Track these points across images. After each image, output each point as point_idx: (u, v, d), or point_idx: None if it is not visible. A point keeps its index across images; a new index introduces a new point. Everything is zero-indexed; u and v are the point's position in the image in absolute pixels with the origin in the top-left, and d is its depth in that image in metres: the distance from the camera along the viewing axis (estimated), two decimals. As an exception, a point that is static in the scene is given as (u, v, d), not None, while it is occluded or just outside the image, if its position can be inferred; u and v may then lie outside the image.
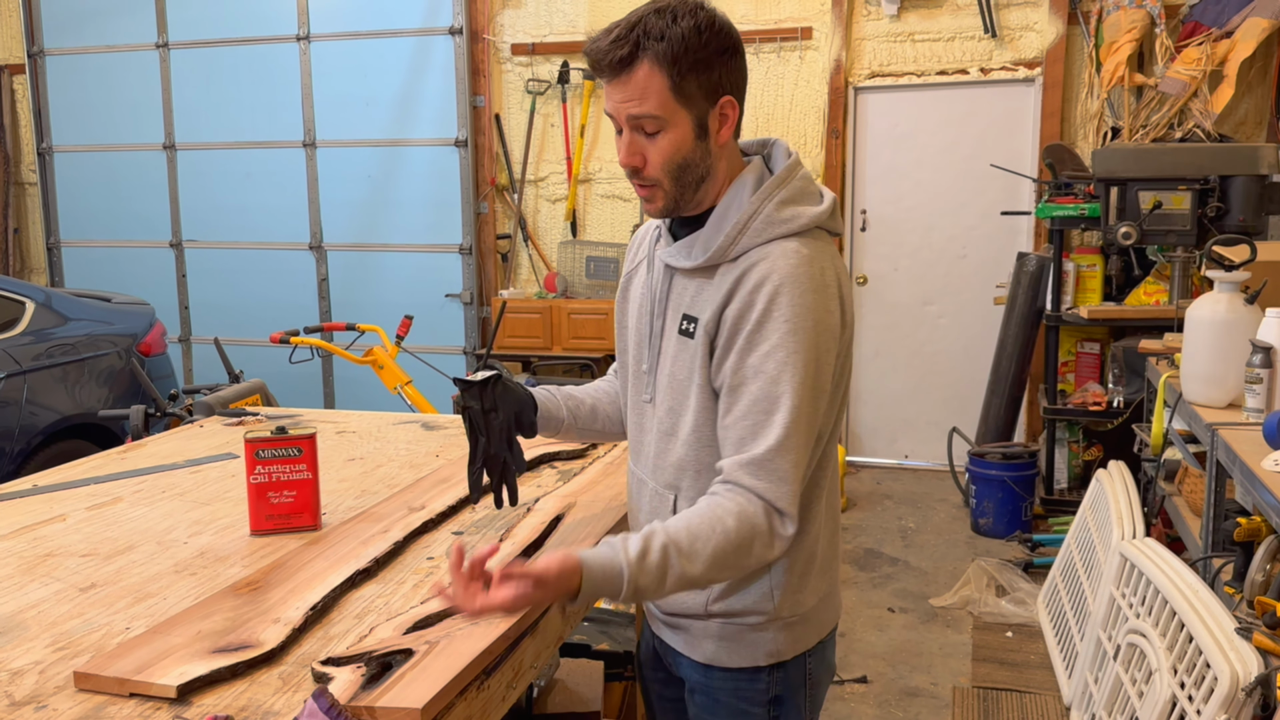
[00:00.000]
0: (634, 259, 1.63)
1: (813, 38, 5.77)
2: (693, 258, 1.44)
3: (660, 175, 1.41)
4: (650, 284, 1.53)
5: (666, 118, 1.37)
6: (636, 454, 1.58)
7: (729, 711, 1.53)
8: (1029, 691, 3.39)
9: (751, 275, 1.38)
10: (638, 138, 1.40)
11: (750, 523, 1.34)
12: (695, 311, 1.44)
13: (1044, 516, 4.95)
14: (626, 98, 1.37)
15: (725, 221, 1.42)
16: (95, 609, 1.45)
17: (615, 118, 1.41)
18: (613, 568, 1.31)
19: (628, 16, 1.37)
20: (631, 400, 1.58)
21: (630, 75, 1.36)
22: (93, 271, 7.08)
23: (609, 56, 1.36)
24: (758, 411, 1.36)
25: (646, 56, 1.35)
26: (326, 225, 6.65)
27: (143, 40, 6.77)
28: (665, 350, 1.49)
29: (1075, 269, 5.03)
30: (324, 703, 1.09)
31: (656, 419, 1.51)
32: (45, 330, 4.30)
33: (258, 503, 1.75)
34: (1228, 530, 2.65)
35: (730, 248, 1.41)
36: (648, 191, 1.44)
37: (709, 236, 1.43)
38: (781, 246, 1.39)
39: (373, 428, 2.56)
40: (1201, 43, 5.00)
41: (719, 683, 1.53)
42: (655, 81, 1.35)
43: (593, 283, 6.09)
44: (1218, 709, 2.13)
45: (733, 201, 1.43)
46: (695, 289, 1.45)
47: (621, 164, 1.43)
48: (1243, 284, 2.91)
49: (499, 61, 6.31)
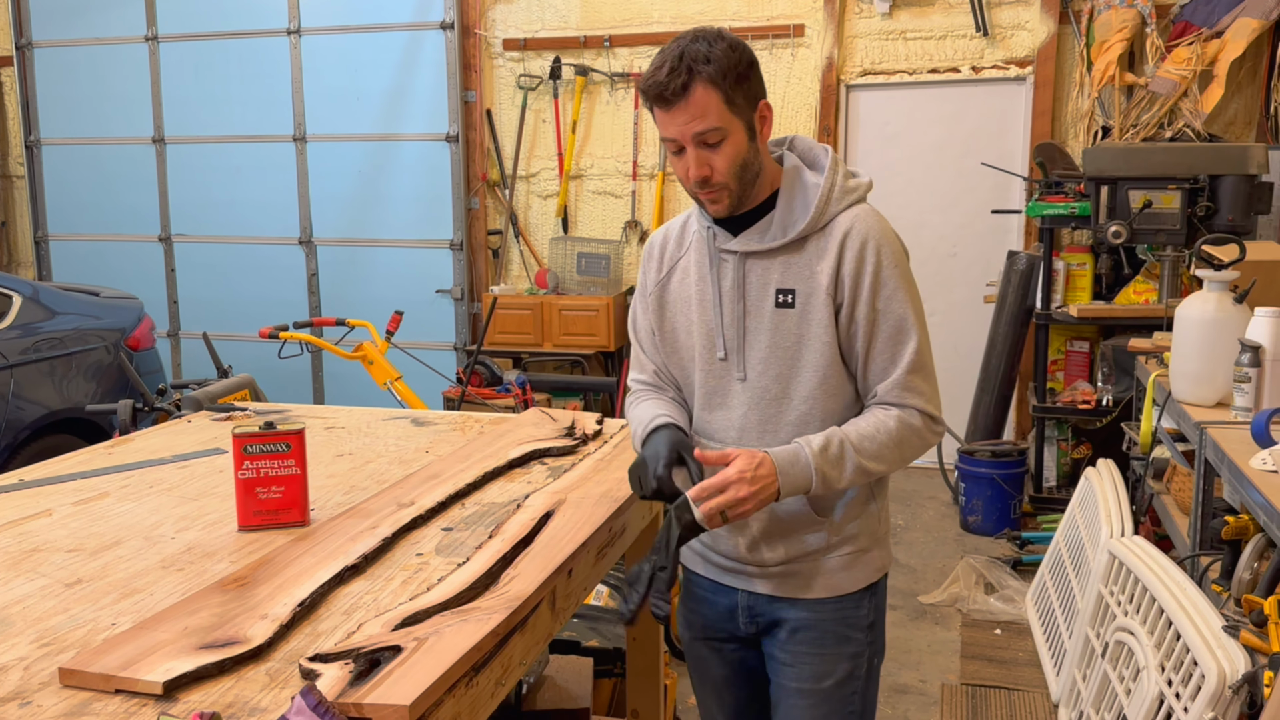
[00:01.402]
0: (665, 265, 1.80)
1: (805, 35, 5.77)
2: (771, 238, 1.67)
3: (727, 179, 1.62)
4: (713, 278, 1.71)
5: (725, 128, 1.59)
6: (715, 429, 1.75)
7: (835, 640, 1.75)
8: (1017, 689, 3.40)
9: (854, 236, 1.65)
10: (702, 152, 1.60)
11: (906, 423, 1.65)
12: (791, 284, 1.67)
13: (1033, 514, 4.97)
14: (689, 118, 1.57)
15: (804, 200, 1.67)
16: (81, 605, 1.44)
17: (677, 140, 1.60)
18: (800, 459, 1.59)
19: (668, 50, 1.59)
20: (711, 388, 1.75)
21: (689, 99, 1.56)
22: (81, 265, 7.04)
23: (669, 87, 1.56)
24: (892, 344, 1.65)
25: (700, 80, 1.55)
26: (316, 220, 6.62)
27: (132, 33, 6.73)
28: (755, 328, 1.69)
29: (1065, 268, 5.04)
30: (311, 699, 1.09)
31: (755, 391, 1.70)
32: (32, 324, 4.28)
33: (245, 498, 1.74)
34: (1215, 528, 2.66)
35: (820, 218, 1.66)
36: (715, 195, 1.64)
37: (786, 216, 1.67)
38: (858, 210, 1.68)
39: (362, 423, 2.55)
40: (1192, 42, 5.01)
41: (829, 614, 1.75)
42: (712, 99, 1.57)
43: (584, 279, 6.08)
44: (1205, 706, 2.14)
45: (796, 184, 1.68)
46: (782, 266, 1.67)
47: (691, 178, 1.62)
48: (1232, 283, 2.92)
49: (490, 56, 6.29)
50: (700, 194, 1.66)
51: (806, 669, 1.76)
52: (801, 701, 1.76)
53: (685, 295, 1.76)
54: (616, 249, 6.12)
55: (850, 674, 1.77)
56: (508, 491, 1.95)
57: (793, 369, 1.69)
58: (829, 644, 1.75)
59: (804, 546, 1.73)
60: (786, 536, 1.73)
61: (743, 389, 1.72)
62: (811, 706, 1.75)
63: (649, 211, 6.16)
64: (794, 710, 1.77)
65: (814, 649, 1.75)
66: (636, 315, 1.87)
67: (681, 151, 1.62)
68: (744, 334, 1.70)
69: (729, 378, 1.73)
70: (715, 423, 1.76)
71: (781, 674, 1.79)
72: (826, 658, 1.75)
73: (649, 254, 1.84)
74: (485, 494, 1.94)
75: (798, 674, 1.76)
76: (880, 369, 1.67)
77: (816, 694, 1.75)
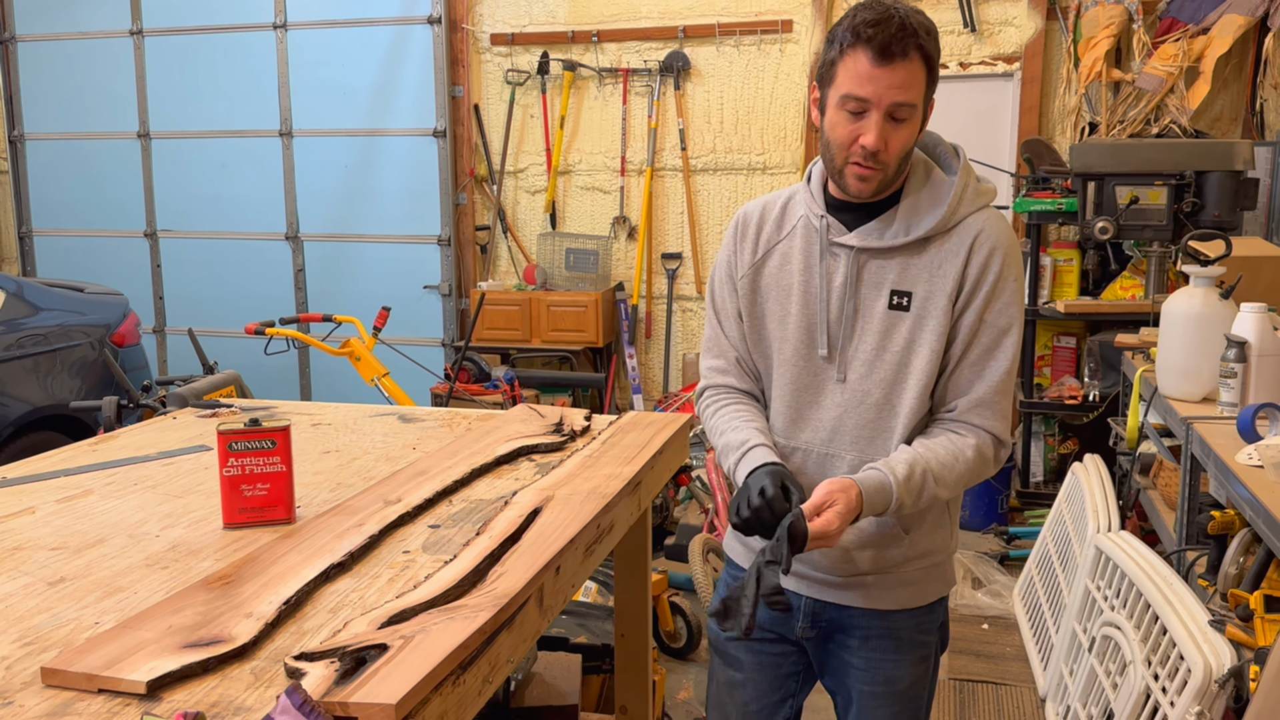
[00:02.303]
0: (761, 246, 1.70)
1: (793, 31, 5.77)
2: (893, 235, 1.59)
3: (894, 159, 1.54)
4: (822, 271, 1.63)
5: (919, 106, 1.52)
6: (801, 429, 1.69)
7: (911, 646, 1.74)
8: (1005, 683, 3.41)
9: (983, 240, 1.57)
10: (888, 124, 1.50)
11: (982, 454, 1.61)
12: (908, 286, 1.59)
13: (1020, 509, 4.98)
14: (896, 84, 1.47)
15: (934, 198, 1.58)
16: (64, 603, 1.43)
17: (871, 101, 1.48)
18: (884, 489, 1.55)
19: (882, 5, 1.47)
20: (801, 384, 1.68)
21: (905, 64, 1.47)
22: (65, 261, 6.99)
23: (898, 43, 1.45)
24: (985, 359, 1.59)
25: (918, 50, 1.47)
26: (303, 215, 6.59)
27: (117, 27, 6.68)
28: (864, 329, 1.62)
29: (1052, 263, 5.06)
30: (297, 698, 1.08)
31: (855, 394, 1.64)
32: (16, 320, 4.25)
33: (230, 495, 1.72)
34: (1202, 523, 2.67)
35: (950, 219, 1.58)
36: (872, 172, 1.54)
37: (911, 215, 1.58)
38: (988, 214, 1.61)
39: (349, 420, 2.54)
40: (1178, 39, 5.03)
41: (903, 621, 1.72)
42: (920, 74, 1.49)
43: (572, 275, 6.07)
44: (1191, 700, 2.15)
45: (925, 184, 1.60)
46: (899, 266, 1.60)
47: (865, 146, 1.51)
48: (1218, 279, 2.93)
49: (478, 51, 6.27)
50: (859, 167, 1.55)
51: (881, 673, 1.75)
52: (878, 703, 1.76)
53: (786, 284, 1.67)
54: (605, 245, 6.11)
55: (923, 674, 1.78)
56: (495, 488, 1.94)
57: (899, 375, 1.63)
58: (905, 650, 1.74)
59: (884, 561, 1.69)
60: (865, 549, 1.69)
61: (840, 390, 1.66)
62: (889, 705, 1.75)
63: (637, 207, 6.15)
64: (873, 712, 1.76)
65: (890, 655, 1.74)
66: (722, 296, 1.76)
67: (861, 114, 1.51)
68: (851, 334, 1.64)
69: (827, 378, 1.67)
70: (803, 421, 1.70)
71: (852, 675, 1.77)
72: (903, 663, 1.75)
73: (741, 232, 1.73)
74: (473, 491, 1.93)
75: (872, 678, 1.75)
76: (965, 382, 1.61)
77: (892, 695, 1.75)
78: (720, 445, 1.72)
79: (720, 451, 1.72)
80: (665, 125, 6.05)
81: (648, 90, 6.05)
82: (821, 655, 1.81)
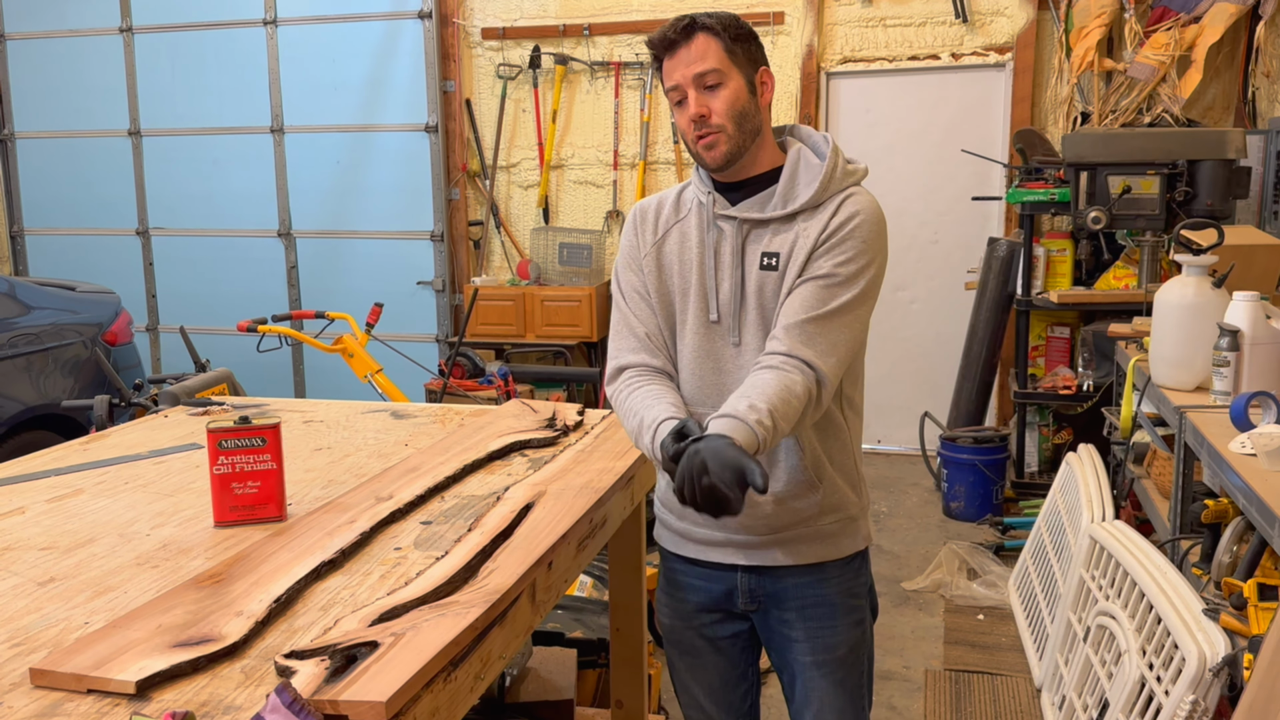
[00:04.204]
0: (660, 228, 1.81)
1: (785, 23, 5.76)
2: (772, 209, 1.72)
3: (725, 120, 1.67)
4: (709, 242, 1.75)
5: (725, 71, 1.67)
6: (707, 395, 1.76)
7: (844, 610, 1.83)
8: (1000, 674, 3.41)
9: (844, 208, 1.69)
10: (702, 94, 1.67)
11: (809, 390, 1.62)
12: (776, 248, 1.71)
13: (1015, 500, 4.99)
14: (690, 60, 1.67)
15: (808, 178, 1.72)
16: (54, 603, 1.42)
17: (680, 85, 1.68)
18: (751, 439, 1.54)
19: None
20: (703, 351, 1.77)
21: (691, 43, 1.67)
22: (57, 260, 6.97)
23: (671, 31, 1.68)
24: (825, 292, 1.66)
25: (701, 29, 1.67)
26: (295, 212, 6.57)
27: (107, 24, 6.65)
28: (748, 292, 1.73)
29: (1045, 254, 5.05)
30: (287, 697, 1.07)
31: (749, 355, 1.72)
32: (8, 320, 4.23)
33: (221, 494, 1.72)
34: (1195, 512, 2.67)
35: (821, 194, 1.71)
36: (712, 139, 1.68)
37: (789, 191, 1.72)
38: (857, 190, 1.74)
39: (341, 417, 2.54)
40: (1170, 28, 5.02)
41: (833, 584, 1.82)
42: (712, 44, 1.67)
43: (566, 269, 6.05)
44: (1185, 689, 2.15)
45: (799, 163, 1.74)
46: (771, 232, 1.72)
47: (690, 119, 1.68)
48: (1210, 268, 2.93)
49: (469, 46, 6.25)
50: (698, 139, 1.69)
51: (820, 642, 1.83)
52: (819, 672, 1.84)
53: (686, 259, 1.78)
54: (598, 239, 6.10)
55: (860, 639, 1.87)
56: (487, 484, 1.94)
57: None
58: (838, 615, 1.83)
59: (799, 514, 1.78)
60: (782, 503, 1.76)
61: (737, 354, 1.74)
62: (830, 673, 1.84)
63: (630, 201, 6.14)
64: (815, 681, 1.84)
65: (826, 622, 1.82)
66: (627, 279, 1.82)
67: (683, 103, 1.68)
68: (742, 301, 1.73)
69: (725, 343, 1.75)
70: (707, 388, 1.76)
71: (794, 649, 1.84)
72: (838, 628, 1.83)
73: (640, 221, 1.83)
74: (465, 487, 1.92)
75: (813, 648, 1.83)
76: (799, 304, 1.65)
77: (833, 663, 1.84)
78: (633, 426, 1.70)
79: (636, 433, 1.70)
80: (658, 119, 6.04)
81: (640, 83, 6.04)
82: (765, 632, 1.89)
